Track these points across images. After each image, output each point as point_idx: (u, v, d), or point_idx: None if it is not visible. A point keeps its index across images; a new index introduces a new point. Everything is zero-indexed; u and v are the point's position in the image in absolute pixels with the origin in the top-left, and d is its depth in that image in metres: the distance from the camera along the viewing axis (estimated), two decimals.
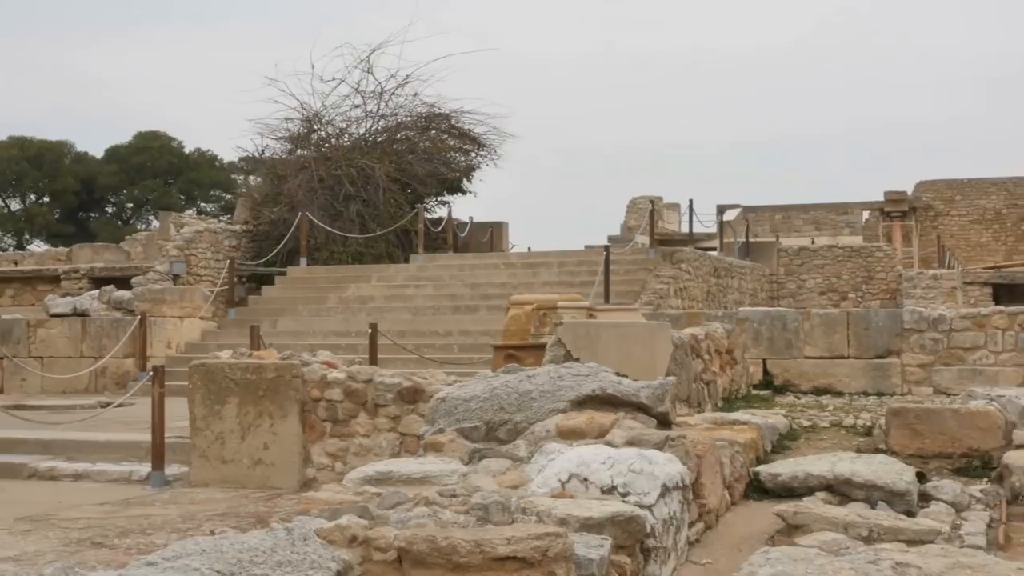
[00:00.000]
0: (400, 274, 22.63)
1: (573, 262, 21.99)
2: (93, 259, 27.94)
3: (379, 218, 25.64)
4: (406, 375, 10.40)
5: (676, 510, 5.34)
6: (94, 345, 18.81)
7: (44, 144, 50.88)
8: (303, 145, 27.86)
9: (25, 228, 50.51)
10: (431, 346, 17.95)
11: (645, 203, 31.88)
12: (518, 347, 11.53)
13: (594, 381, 6.69)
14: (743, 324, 14.46)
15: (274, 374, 10.36)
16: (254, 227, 26.12)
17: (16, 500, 10.01)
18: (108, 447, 11.83)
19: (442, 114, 28.09)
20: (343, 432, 10.26)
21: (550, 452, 5.58)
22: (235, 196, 37.77)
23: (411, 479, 5.49)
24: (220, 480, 10.38)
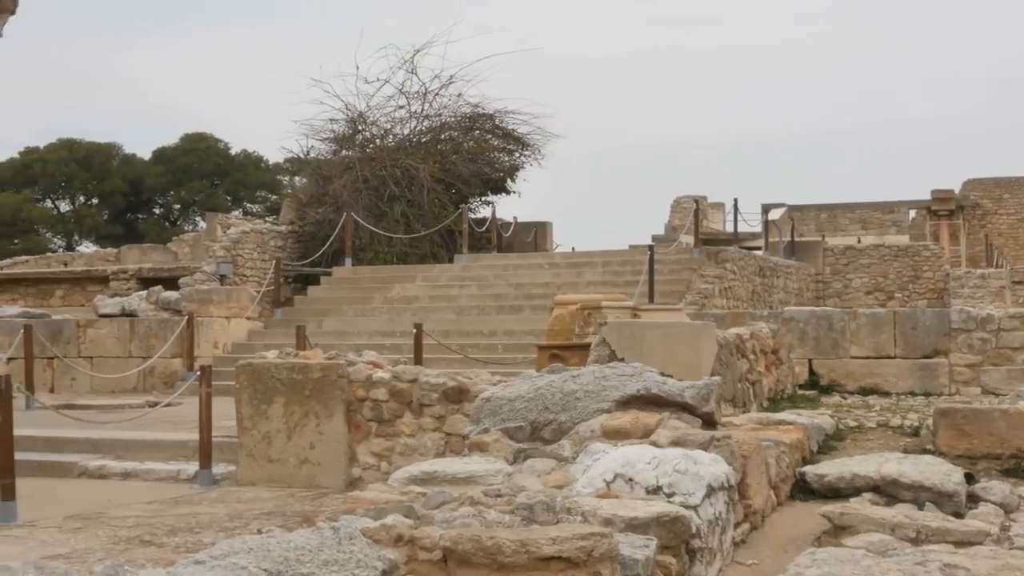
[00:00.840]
0: (444, 274, 22.67)
1: (617, 262, 21.95)
2: (141, 260, 28.18)
3: (423, 218, 25.70)
4: (451, 375, 10.42)
5: (721, 510, 5.32)
6: (142, 345, 18.98)
7: (93, 146, 51.36)
8: (348, 146, 27.97)
9: (74, 229, 51.01)
10: (475, 346, 17.98)
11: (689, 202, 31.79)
12: (562, 347, 11.52)
13: (639, 381, 6.68)
14: (789, 324, 14.37)
15: (320, 374, 10.41)
16: (300, 228, 26.26)
17: (66, 498, 10.12)
18: (156, 446, 11.93)
19: (486, 114, 28.12)
20: (388, 432, 10.30)
21: (595, 452, 5.58)
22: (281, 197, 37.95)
23: (456, 479, 5.51)
24: (267, 479, 10.45)
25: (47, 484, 10.86)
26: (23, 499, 9.24)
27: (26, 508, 9.19)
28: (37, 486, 10.51)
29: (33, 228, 49.07)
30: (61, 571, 3.34)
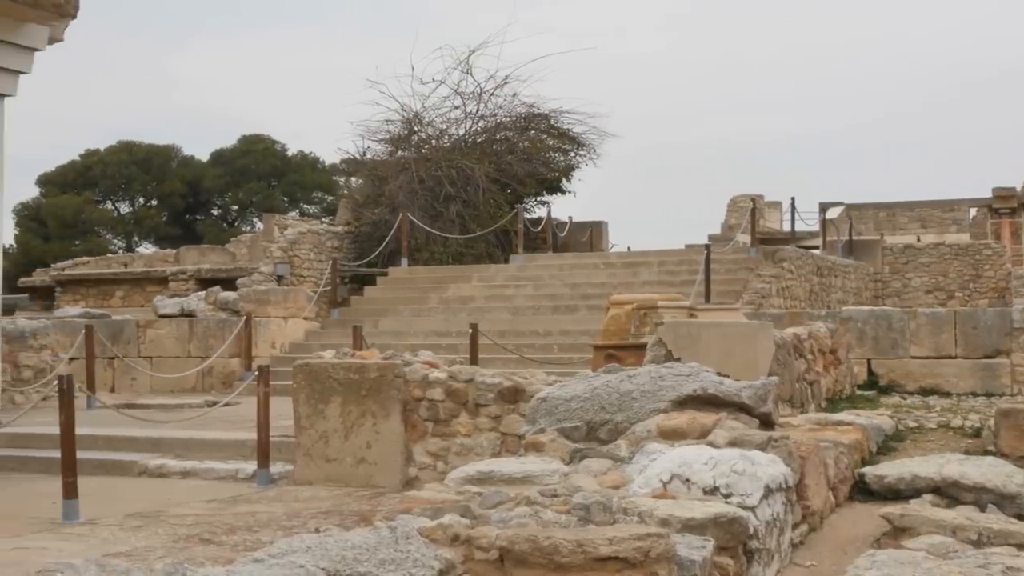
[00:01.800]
0: (500, 274, 22.69)
1: (673, 261, 21.86)
2: (199, 261, 28.45)
3: (479, 218, 25.74)
4: (506, 375, 10.43)
5: (779, 511, 5.29)
6: (201, 345, 19.16)
7: (152, 148, 51.92)
8: (403, 146, 28.07)
9: (134, 231, 51.59)
10: (531, 346, 17.98)
11: (746, 201, 31.61)
12: (618, 347, 11.49)
13: (695, 381, 6.65)
14: (847, 324, 14.26)
15: (376, 374, 10.45)
16: (356, 228, 26.39)
17: (127, 497, 10.23)
18: (215, 445, 12.03)
19: (541, 114, 28.12)
20: (444, 431, 10.32)
21: (651, 452, 5.56)
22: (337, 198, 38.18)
23: (512, 479, 5.51)
24: (324, 478, 10.51)
25: (108, 483, 10.99)
26: (85, 497, 9.35)
27: (88, 506, 9.30)
28: (98, 484, 10.64)
29: (94, 229, 49.67)
30: (122, 569, 3.37)
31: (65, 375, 9.98)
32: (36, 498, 10.22)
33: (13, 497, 10.46)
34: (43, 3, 13.81)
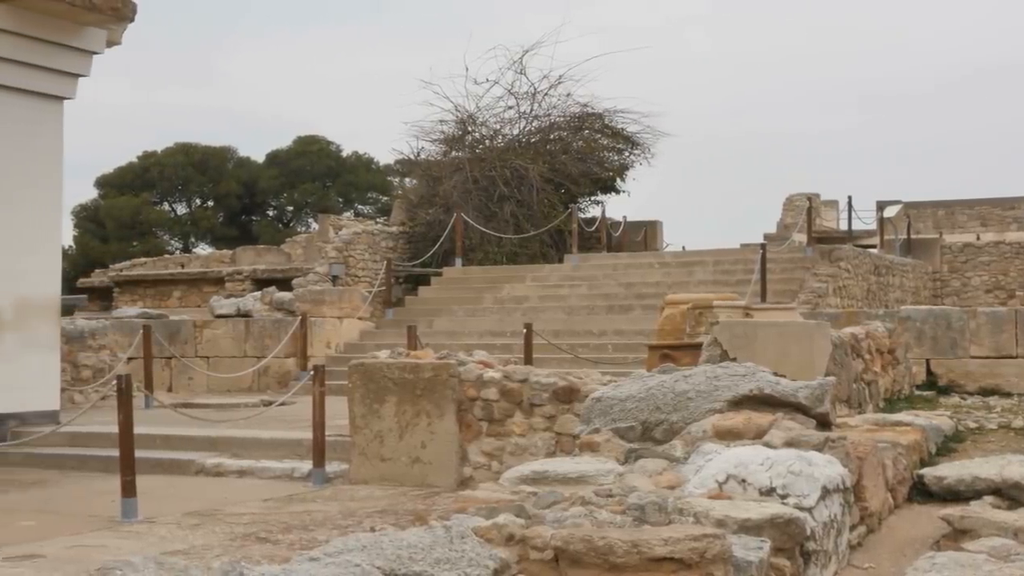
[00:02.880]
0: (554, 274, 22.68)
1: (728, 261, 21.76)
2: (255, 261, 28.65)
3: (533, 218, 25.75)
4: (561, 375, 10.41)
5: (836, 513, 5.24)
6: (257, 345, 19.30)
7: (208, 150, 52.36)
8: (457, 147, 28.14)
9: (191, 231, 52.04)
10: (585, 346, 17.95)
11: (802, 200, 31.38)
12: (673, 347, 11.45)
13: (751, 381, 6.60)
14: (905, 323, 14.11)
15: (431, 374, 10.47)
16: (410, 228, 26.49)
17: (185, 495, 10.32)
18: (271, 445, 12.11)
19: (595, 113, 28.08)
20: (499, 431, 10.33)
21: (707, 452, 5.53)
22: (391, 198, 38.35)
23: (567, 479, 5.50)
24: (379, 478, 10.55)
25: (166, 481, 11.09)
26: (143, 496, 9.44)
27: (146, 505, 9.39)
28: (156, 483, 10.74)
29: (151, 230, 50.17)
30: (180, 567, 3.40)
31: (123, 375, 10.07)
32: (95, 496, 10.34)
33: (73, 495, 10.59)
34: (101, 6, 13.98)
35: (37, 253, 14.09)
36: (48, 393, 14.20)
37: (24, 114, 13.97)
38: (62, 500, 10.35)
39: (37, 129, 14.14)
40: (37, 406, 13.91)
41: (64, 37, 14.12)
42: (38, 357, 13.99)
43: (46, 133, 14.27)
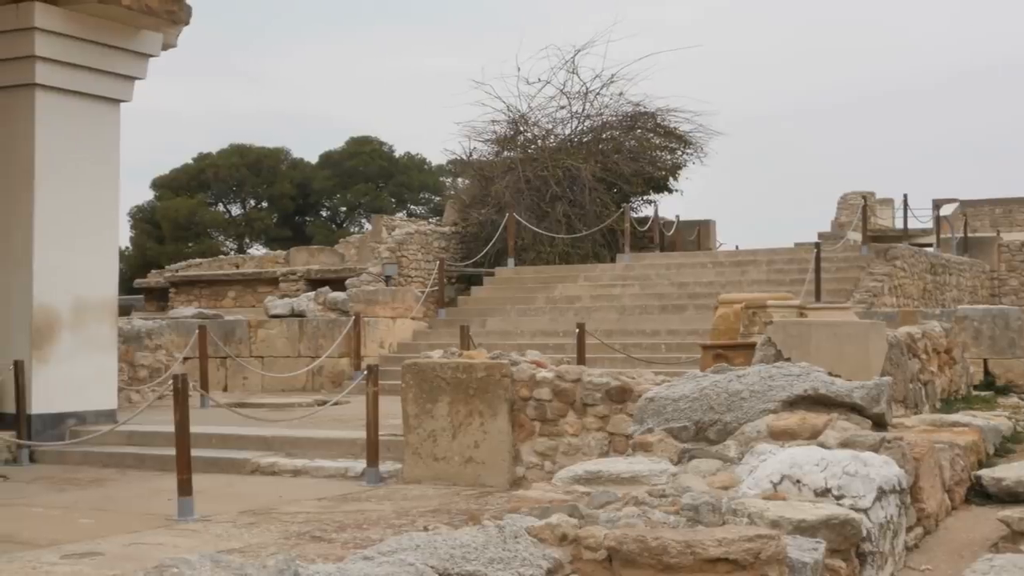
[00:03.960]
0: (607, 274, 22.65)
1: (782, 260, 21.63)
2: (309, 261, 28.82)
3: (585, 218, 25.72)
4: (614, 375, 10.39)
5: (893, 514, 5.19)
6: (311, 345, 19.42)
7: (262, 151, 52.72)
8: (509, 147, 28.17)
9: (245, 232, 52.42)
10: (638, 345, 17.91)
11: (857, 199, 31.15)
12: (727, 346, 11.38)
13: (806, 381, 6.56)
14: (962, 323, 13.96)
15: (484, 373, 10.49)
16: (463, 228, 26.54)
17: (240, 494, 10.40)
18: (325, 444, 12.17)
19: (647, 113, 28.01)
20: (552, 431, 10.32)
21: (761, 453, 5.50)
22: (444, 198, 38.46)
23: (620, 478, 5.49)
24: (432, 477, 10.58)
25: (222, 480, 11.18)
26: (199, 494, 9.53)
27: (202, 503, 9.47)
28: (212, 482, 10.83)
29: (206, 231, 50.59)
30: (236, 565, 3.42)
31: (180, 374, 10.17)
32: (152, 495, 10.45)
33: (130, 494, 10.70)
34: (157, 10, 14.12)
35: (95, 254, 14.25)
36: (106, 392, 14.36)
37: (82, 117, 14.14)
38: (120, 498, 10.46)
39: (95, 131, 14.31)
40: (95, 405, 14.08)
41: (121, 41, 14.28)
42: (96, 357, 14.15)
43: (103, 135, 14.44)
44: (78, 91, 14.05)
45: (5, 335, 13.66)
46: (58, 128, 13.87)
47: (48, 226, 13.73)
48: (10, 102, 13.79)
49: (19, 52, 13.58)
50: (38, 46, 13.49)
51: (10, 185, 13.77)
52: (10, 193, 13.77)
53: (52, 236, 13.74)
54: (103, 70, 14.21)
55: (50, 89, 13.76)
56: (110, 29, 14.06)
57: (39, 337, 13.61)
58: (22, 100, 13.73)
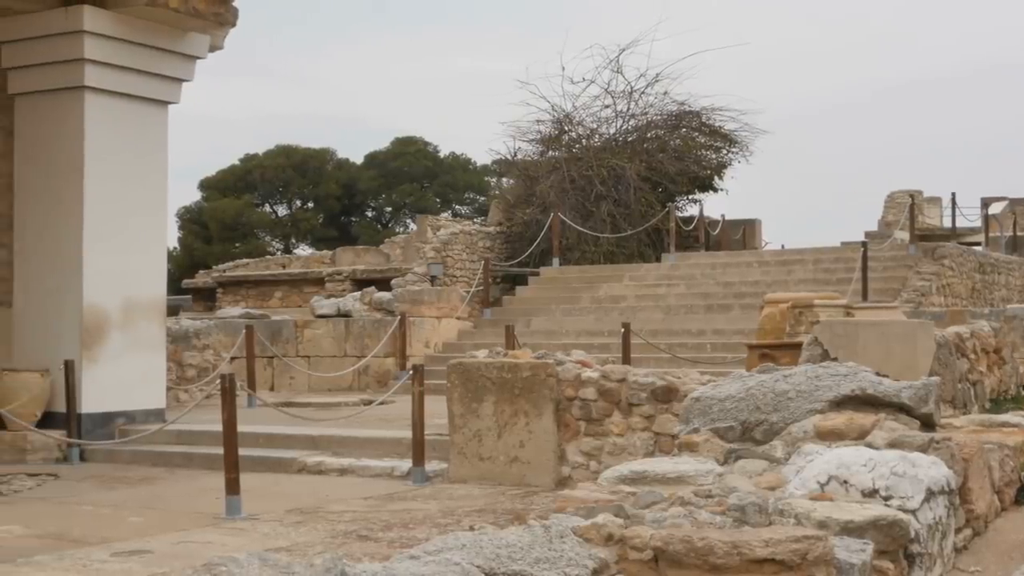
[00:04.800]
0: (652, 273, 22.60)
1: (829, 259, 21.51)
2: (355, 262, 28.95)
3: (630, 217, 25.68)
4: (659, 374, 10.38)
5: (941, 515, 5.16)
6: (357, 344, 19.50)
7: (308, 152, 52.98)
8: (554, 146, 28.16)
9: (292, 233, 52.71)
10: (683, 345, 17.86)
11: (904, 197, 30.89)
12: (773, 346, 11.34)
13: (853, 381, 6.52)
14: (1011, 322, 13.82)
15: (529, 373, 10.50)
16: (507, 228, 26.56)
17: (287, 493, 10.47)
18: (371, 443, 12.22)
19: (692, 112, 27.93)
20: (597, 431, 10.32)
21: (808, 453, 5.48)
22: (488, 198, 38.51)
23: (666, 479, 5.48)
24: (478, 477, 10.60)
25: (269, 479, 11.25)
26: (246, 493, 9.59)
27: (249, 502, 9.54)
28: (259, 481, 10.90)
29: (253, 232, 50.90)
30: (283, 563, 3.45)
31: (227, 374, 10.24)
32: (200, 493, 10.53)
33: (179, 492, 10.79)
34: (204, 13, 14.23)
35: (143, 255, 14.38)
36: (154, 392, 14.49)
37: (131, 118, 14.27)
38: (168, 497, 10.55)
39: (143, 133, 14.44)
40: (144, 404, 14.21)
41: (168, 43, 14.41)
42: (145, 356, 14.28)
43: (152, 137, 14.57)
44: (126, 93, 14.18)
45: (56, 335, 13.81)
46: (107, 130, 14.00)
47: (97, 227, 13.87)
48: (60, 104, 13.95)
49: (69, 55, 13.73)
50: (87, 49, 13.63)
51: (60, 186, 13.92)
52: (60, 194, 13.92)
53: (101, 237, 13.88)
54: (151, 72, 14.34)
55: (99, 91, 13.90)
56: (158, 32, 14.19)
57: (89, 337, 13.75)
58: (72, 102, 13.88)
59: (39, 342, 13.89)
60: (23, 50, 14.03)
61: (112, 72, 13.95)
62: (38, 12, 13.76)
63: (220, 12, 14.46)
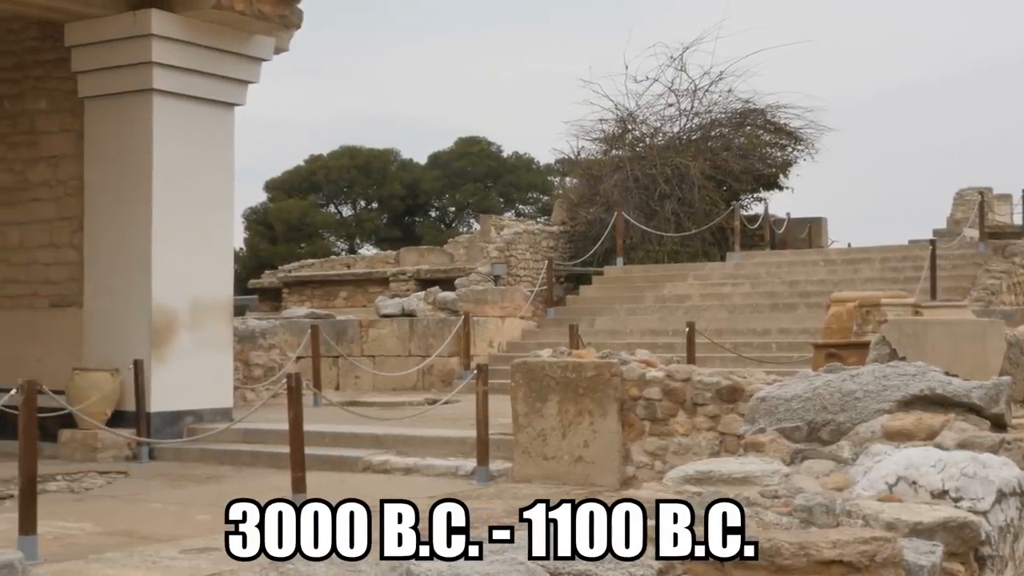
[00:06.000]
0: (716, 272, 22.49)
1: (896, 257, 21.29)
2: (419, 261, 29.08)
3: (694, 216, 25.57)
4: (724, 374, 10.32)
5: (1013, 517, 5.08)
6: (421, 344, 19.58)
7: (372, 153, 53.27)
8: (618, 145, 28.10)
9: (356, 233, 53.03)
10: (748, 345, 17.76)
11: (973, 195, 30.48)
12: (839, 345, 11.23)
13: (922, 381, 6.44)
14: None
15: (593, 372, 10.48)
16: (571, 228, 26.55)
17: (352, 491, 10.52)
18: (435, 442, 12.26)
19: (757, 109, 27.76)
20: (662, 431, 10.29)
21: (876, 454, 5.42)
22: (552, 198, 38.50)
23: (731, 479, 5.45)
24: (542, 476, 10.60)
25: (334, 478, 11.32)
26: (312, 491, 9.65)
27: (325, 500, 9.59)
28: (324, 479, 10.97)
29: (318, 232, 51.28)
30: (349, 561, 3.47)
31: (293, 373, 10.33)
32: (267, 491, 10.59)
33: (246, 490, 10.87)
34: (270, 15, 14.36)
35: (211, 255, 14.53)
36: (222, 391, 14.64)
37: (198, 120, 14.43)
38: (236, 495, 10.63)
39: (210, 135, 14.59)
40: (211, 403, 14.37)
41: (235, 46, 14.55)
42: (212, 356, 14.43)
43: (218, 138, 14.72)
44: (193, 95, 14.34)
45: (125, 335, 14.00)
46: (175, 132, 14.17)
47: (166, 228, 14.03)
48: (129, 107, 14.13)
49: (137, 58, 13.91)
50: (155, 52, 13.80)
51: (129, 188, 14.11)
52: (129, 196, 14.10)
53: (170, 238, 14.05)
54: (218, 74, 14.49)
55: (167, 94, 14.07)
56: (224, 34, 14.33)
57: (158, 337, 13.92)
58: (140, 105, 14.06)
59: (109, 342, 14.08)
60: (93, 54, 14.25)
61: (179, 75, 14.11)
62: (107, 16, 13.96)
63: (285, 14, 14.59)
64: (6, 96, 15.37)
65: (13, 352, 14.71)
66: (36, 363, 13.97)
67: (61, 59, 14.65)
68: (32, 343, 14.66)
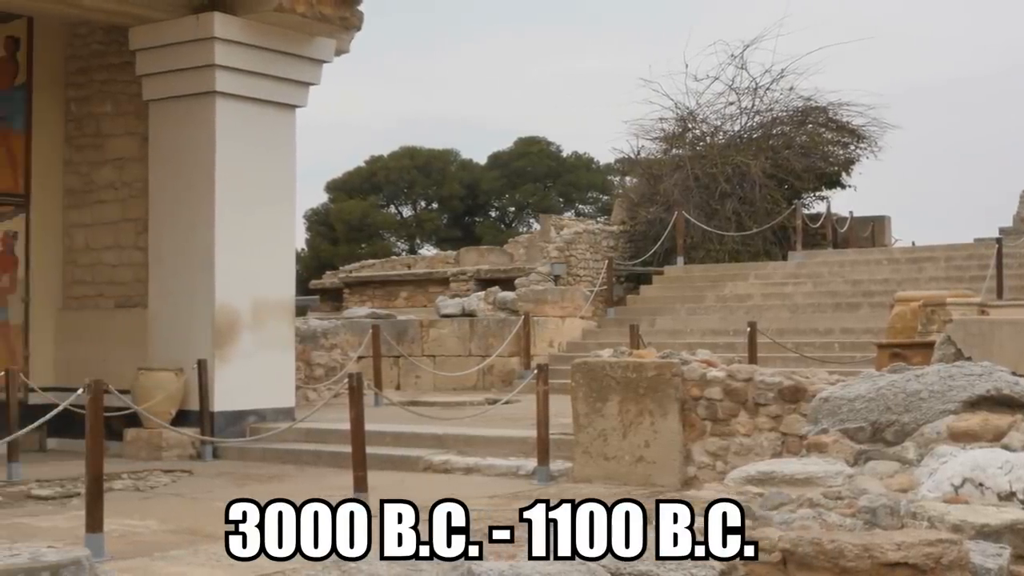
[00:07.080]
0: (778, 271, 22.33)
1: (961, 256, 21.02)
2: (478, 261, 29.11)
3: (755, 215, 25.38)
4: (786, 374, 10.25)
5: None
6: (481, 344, 19.61)
7: (432, 153, 53.41)
8: (678, 144, 27.96)
9: (416, 233, 53.20)
10: (811, 345, 17.62)
11: None
12: (904, 345, 11.13)
13: (988, 381, 6.36)
14: None
15: (654, 372, 10.45)
16: (631, 227, 26.45)
17: (413, 491, 10.54)
18: (496, 442, 12.27)
19: (819, 107, 27.50)
20: (723, 431, 10.23)
21: (941, 455, 5.36)
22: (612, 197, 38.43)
23: (794, 479, 5.41)
24: (603, 476, 10.58)
25: (395, 477, 11.36)
26: (374, 491, 9.70)
27: (376, 500, 9.63)
28: (386, 479, 11.01)
29: (378, 233, 51.49)
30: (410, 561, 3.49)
31: (355, 373, 10.38)
32: (329, 491, 10.66)
33: (307, 489, 10.94)
34: (330, 17, 14.44)
35: (273, 256, 14.65)
36: (284, 390, 14.74)
37: (260, 122, 14.55)
38: (298, 494, 10.69)
39: (272, 137, 14.71)
40: (274, 403, 14.48)
41: (296, 48, 14.66)
42: (274, 356, 14.54)
43: (280, 140, 14.83)
44: (255, 98, 14.46)
45: (189, 335, 14.14)
46: (237, 134, 14.29)
47: (229, 229, 14.16)
48: (192, 109, 14.28)
49: (200, 61, 14.05)
50: (218, 55, 13.93)
51: (193, 189, 14.25)
52: (193, 197, 14.25)
53: (233, 238, 14.17)
54: (280, 77, 14.60)
55: (230, 96, 14.20)
56: (286, 37, 14.44)
57: (221, 337, 14.05)
58: (204, 107, 14.20)
59: (173, 342, 14.24)
60: (156, 57, 14.41)
61: (242, 77, 14.24)
62: (170, 20, 14.11)
63: (346, 16, 14.67)
64: (72, 100, 15.61)
65: (80, 352, 14.93)
66: (102, 363, 14.14)
67: (126, 63, 14.84)
68: (98, 343, 14.86)
